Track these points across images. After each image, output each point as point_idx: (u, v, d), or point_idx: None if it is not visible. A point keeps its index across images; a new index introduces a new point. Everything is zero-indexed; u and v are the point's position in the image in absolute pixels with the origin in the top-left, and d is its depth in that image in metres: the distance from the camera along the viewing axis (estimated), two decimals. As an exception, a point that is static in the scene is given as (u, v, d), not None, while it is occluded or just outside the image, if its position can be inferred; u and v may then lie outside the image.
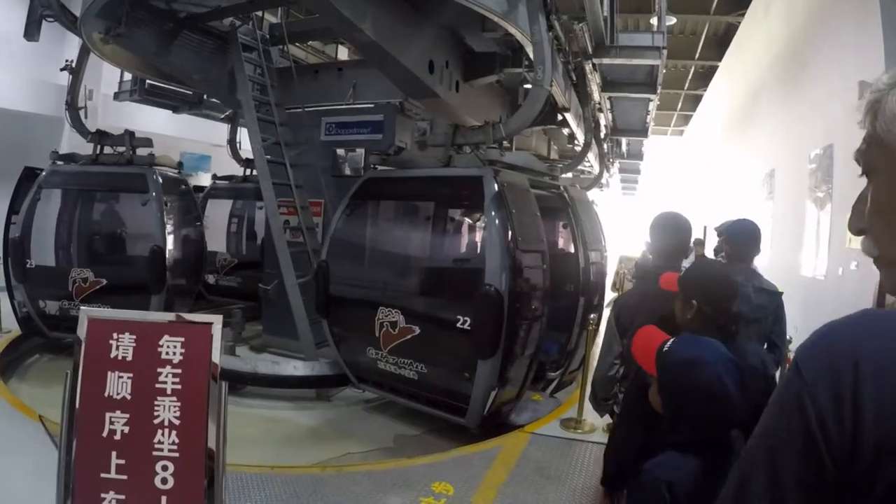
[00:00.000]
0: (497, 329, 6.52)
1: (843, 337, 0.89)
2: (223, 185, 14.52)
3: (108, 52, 9.72)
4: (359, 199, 8.49)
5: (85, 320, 3.96)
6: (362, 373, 8.02)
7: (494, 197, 6.83)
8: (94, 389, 3.82)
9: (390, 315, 7.42)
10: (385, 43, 7.38)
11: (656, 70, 10.59)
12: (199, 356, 3.92)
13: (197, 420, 3.80)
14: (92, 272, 9.65)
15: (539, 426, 7.05)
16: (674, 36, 17.74)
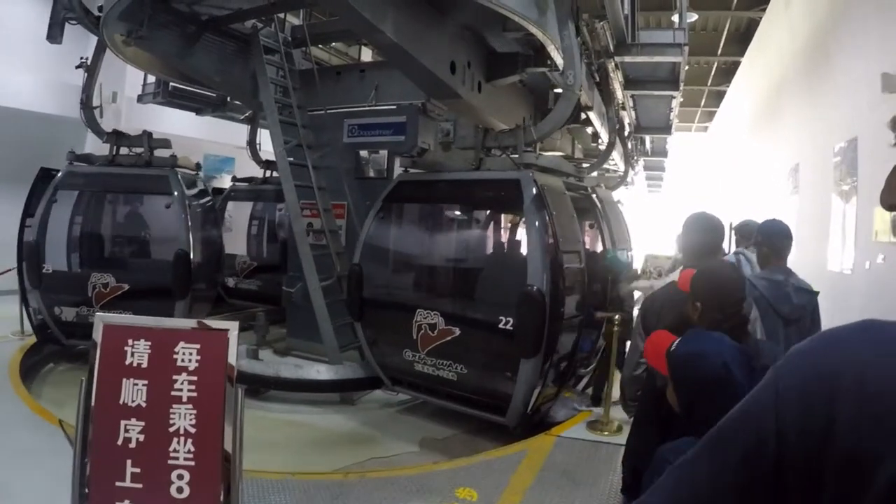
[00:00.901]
0: (540, 328, 6.66)
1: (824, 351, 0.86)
2: (242, 188, 14.43)
3: (131, 54, 9.72)
4: (392, 202, 8.56)
5: (100, 326, 3.93)
6: (397, 375, 8.07)
7: (534, 199, 7.01)
8: (109, 396, 3.79)
9: (429, 317, 7.48)
10: (406, 44, 7.32)
11: (678, 67, 10.46)
12: (215, 363, 3.87)
13: (213, 428, 3.75)
14: (113, 277, 9.26)
15: (565, 429, 6.95)
16: (695, 32, 17.56)
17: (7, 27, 14.00)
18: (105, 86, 14.93)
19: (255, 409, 7.94)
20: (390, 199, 8.50)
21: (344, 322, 9.22)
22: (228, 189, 14.48)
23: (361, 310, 8.33)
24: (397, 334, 7.87)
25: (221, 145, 15.70)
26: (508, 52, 9.10)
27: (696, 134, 31.52)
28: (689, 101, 24.76)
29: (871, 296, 8.20)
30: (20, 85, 13.91)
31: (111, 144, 9.97)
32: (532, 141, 7.78)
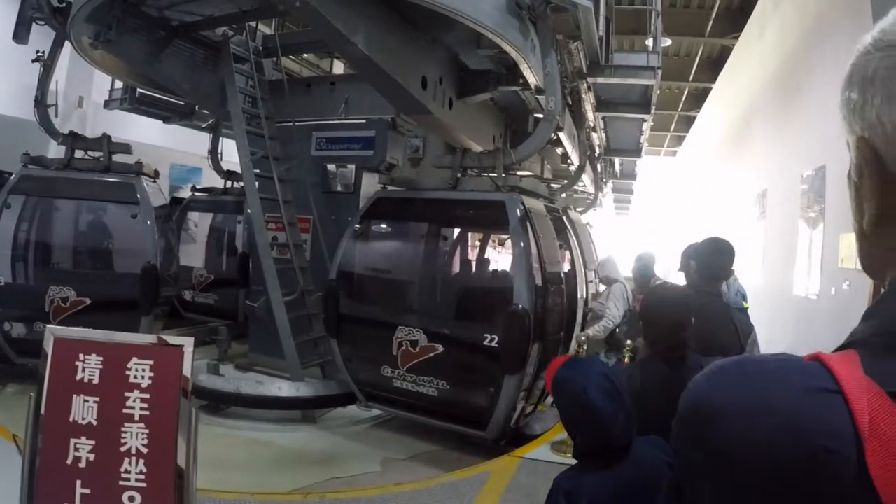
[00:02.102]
0: (525, 346, 6.93)
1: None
2: (202, 198, 14.05)
3: (98, 57, 9.53)
4: (370, 218, 8.64)
5: (51, 339, 3.77)
6: (372, 391, 8.13)
7: (520, 221, 7.30)
8: (59, 413, 3.64)
9: (411, 334, 7.62)
10: (378, 57, 7.23)
11: (651, 90, 10.52)
12: (168, 380, 3.73)
13: (166, 448, 3.61)
14: (74, 291, 8.80)
15: (529, 450, 6.91)
16: (668, 58, 17.81)
17: None
18: (71, 90, 14.81)
19: (215, 425, 7.83)
20: (369, 215, 8.57)
21: (307, 338, 9.11)
22: (188, 199, 14.12)
23: (338, 326, 8.30)
24: (376, 351, 8.00)
25: (189, 155, 15.49)
26: (481, 70, 9.06)
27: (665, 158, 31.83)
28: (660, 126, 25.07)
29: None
30: None
31: (67, 147, 9.58)
32: (511, 163, 7.94)
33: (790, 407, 0.82)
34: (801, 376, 0.85)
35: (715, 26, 17.55)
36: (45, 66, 9.78)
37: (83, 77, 14.39)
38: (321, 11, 6.28)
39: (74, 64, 12.62)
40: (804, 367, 0.86)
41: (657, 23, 10.75)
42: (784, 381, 0.85)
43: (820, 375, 0.83)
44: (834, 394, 0.80)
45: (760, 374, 0.88)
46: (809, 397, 0.82)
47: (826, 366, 0.84)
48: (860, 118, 0.90)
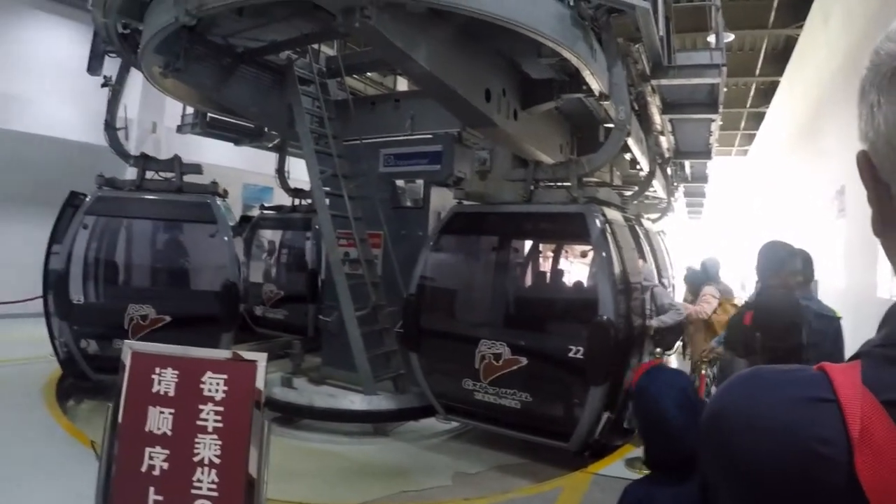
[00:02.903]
0: (610, 357, 6.98)
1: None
2: (270, 216, 14.35)
3: (169, 86, 9.81)
4: (448, 233, 8.70)
5: (128, 353, 3.91)
6: (452, 403, 8.18)
7: (601, 233, 7.34)
8: (135, 423, 3.78)
9: (494, 347, 7.63)
10: (439, 72, 7.28)
11: (717, 89, 10.29)
12: (242, 394, 3.83)
13: (238, 459, 3.70)
14: (153, 308, 8.84)
15: (602, 466, 6.80)
16: (732, 53, 17.35)
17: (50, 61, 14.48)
18: (145, 116, 15.43)
19: (288, 437, 7.95)
20: (446, 230, 8.65)
21: (379, 352, 9.19)
22: (256, 217, 14.41)
23: (418, 340, 8.36)
24: (457, 364, 8.04)
25: (260, 175, 15.84)
26: (543, 79, 9.03)
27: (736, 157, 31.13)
28: (729, 125, 24.49)
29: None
30: (62, 115, 14.43)
31: (139, 168, 9.77)
32: (583, 174, 8.07)
33: (787, 415, 0.88)
34: (801, 386, 0.91)
35: (777, 17, 17.01)
36: (114, 90, 10.02)
37: (156, 104, 15.01)
38: (381, 31, 6.34)
39: (147, 92, 13.15)
40: (807, 377, 0.93)
41: (718, 18, 10.53)
42: (784, 392, 0.92)
43: (820, 385, 0.89)
44: (830, 403, 0.86)
45: (765, 384, 0.95)
46: (806, 406, 0.88)
47: (828, 376, 0.90)
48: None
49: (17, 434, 7.00)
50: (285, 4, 7.31)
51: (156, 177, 9.81)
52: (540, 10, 6.60)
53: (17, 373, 9.28)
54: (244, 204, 14.72)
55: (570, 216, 7.76)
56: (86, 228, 9.09)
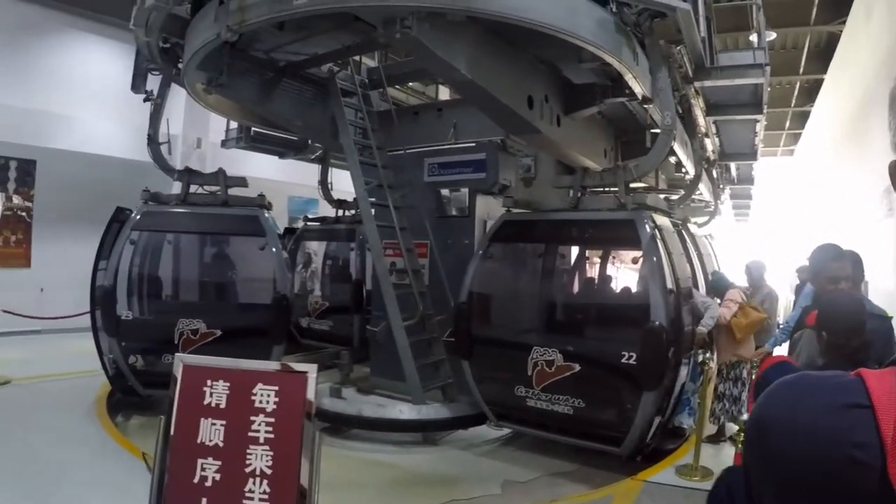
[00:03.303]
0: (663, 361, 7.02)
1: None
2: (314, 227, 14.41)
3: (212, 101, 9.91)
4: (497, 241, 8.75)
5: (180, 366, 3.97)
6: (504, 410, 8.24)
7: (651, 239, 7.38)
8: (188, 435, 3.83)
9: (546, 354, 7.69)
10: (481, 80, 7.29)
11: (761, 88, 10.12)
12: (293, 405, 3.87)
13: (289, 470, 3.74)
14: (204, 323, 8.81)
15: (652, 473, 6.75)
16: (775, 51, 17.07)
17: (94, 80, 14.82)
18: (190, 132, 15.70)
19: (337, 447, 7.97)
20: (496, 238, 8.69)
21: (427, 361, 9.20)
22: (301, 229, 14.50)
23: (470, 348, 8.43)
24: (509, 371, 8.07)
25: (305, 187, 15.95)
26: (585, 84, 9.00)
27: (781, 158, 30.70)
28: (773, 124, 24.16)
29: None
30: (108, 133, 14.75)
31: (183, 182, 9.78)
32: (631, 180, 8.08)
33: (824, 421, 0.92)
34: (838, 393, 0.95)
35: (819, 13, 16.73)
36: (155, 105, 10.04)
37: (200, 119, 15.32)
38: (422, 41, 6.37)
39: (191, 108, 13.34)
40: (844, 383, 0.96)
41: (759, 17, 10.40)
42: (822, 398, 0.96)
43: (856, 391, 0.93)
44: (865, 409, 0.90)
45: (804, 391, 1.00)
46: (842, 412, 0.92)
47: (864, 382, 0.94)
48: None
49: (70, 446, 7.15)
50: (326, 17, 7.35)
51: (200, 191, 9.85)
52: (581, 16, 6.57)
53: (69, 386, 9.47)
54: (290, 216, 14.82)
55: (620, 223, 7.78)
56: (133, 244, 9.11)
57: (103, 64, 15.32)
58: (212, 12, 7.03)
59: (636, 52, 7.39)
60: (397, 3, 6.07)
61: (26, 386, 9.59)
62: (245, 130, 12.41)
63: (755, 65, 9.27)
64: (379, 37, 6.78)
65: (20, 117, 13.90)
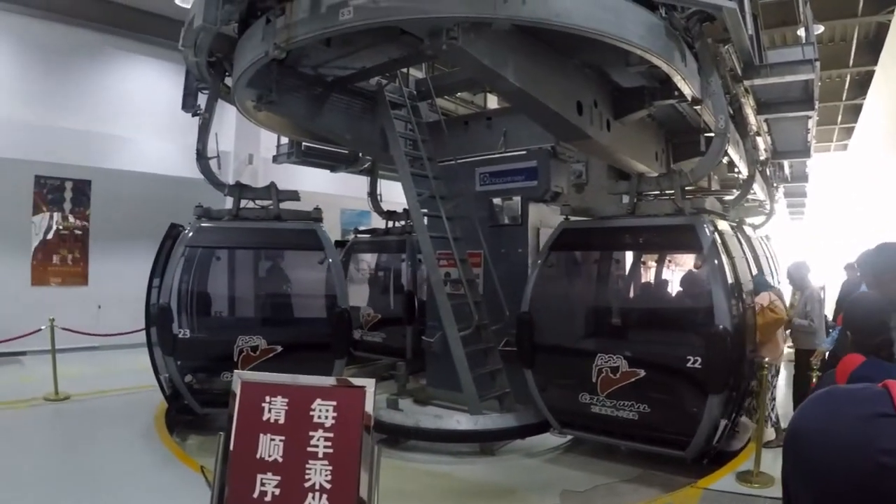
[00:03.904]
0: (729, 364, 7.06)
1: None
2: (364, 240, 14.36)
3: (263, 118, 9.98)
4: (557, 250, 8.77)
5: (238, 383, 4.02)
6: (569, 418, 8.27)
7: (713, 244, 7.41)
8: (247, 451, 3.86)
9: (611, 361, 7.73)
10: (529, 88, 7.26)
11: (811, 84, 9.91)
12: (351, 420, 3.90)
13: (349, 484, 3.76)
14: (264, 339, 8.69)
15: (712, 481, 6.67)
16: (823, 45, 16.68)
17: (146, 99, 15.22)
18: (241, 149, 15.95)
19: (395, 458, 7.98)
20: (556, 246, 8.70)
21: (483, 371, 9.20)
22: (351, 241, 14.47)
23: (533, 357, 8.46)
24: (573, 379, 8.13)
25: (357, 199, 16.02)
26: (634, 87, 8.91)
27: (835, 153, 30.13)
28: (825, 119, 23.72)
29: None
30: (160, 152, 15.17)
31: (234, 197, 9.59)
32: (687, 184, 8.12)
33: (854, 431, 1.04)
34: (866, 404, 1.07)
35: (867, 4, 16.27)
36: (203, 119, 9.84)
37: (251, 136, 15.63)
38: (468, 51, 6.36)
39: (241, 124, 13.53)
40: (872, 395, 1.09)
41: (806, 11, 10.25)
42: (852, 410, 1.08)
43: (882, 401, 1.06)
44: (891, 417, 1.03)
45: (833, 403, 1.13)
46: (871, 422, 1.04)
47: (890, 393, 1.06)
48: None
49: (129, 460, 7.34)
50: (371, 32, 7.41)
51: (250, 205, 9.76)
52: (626, 20, 6.50)
53: (127, 402, 9.73)
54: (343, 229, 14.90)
55: (680, 228, 7.82)
56: (188, 260, 9.05)
57: (154, 84, 15.73)
58: (259, 31, 7.14)
59: (684, 53, 7.32)
60: (442, 15, 6.07)
61: (85, 401, 9.86)
62: (296, 145, 12.50)
63: (804, 61, 9.11)
64: (425, 49, 6.80)
65: (74, 139, 14.35)
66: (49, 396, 9.87)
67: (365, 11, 6.16)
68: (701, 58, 7.57)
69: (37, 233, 14.18)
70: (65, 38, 14.58)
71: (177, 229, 9.13)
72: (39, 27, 14.32)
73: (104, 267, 14.72)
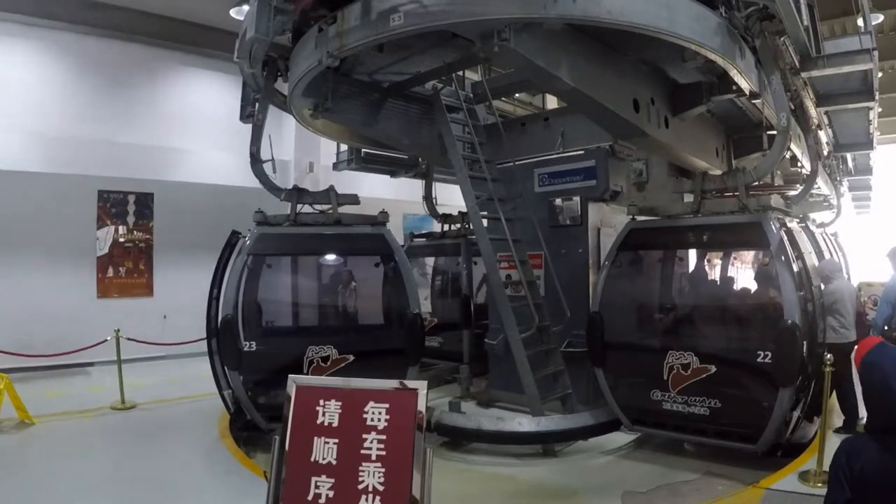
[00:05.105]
0: (799, 358, 7.11)
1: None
2: (420, 244, 14.21)
3: (320, 126, 10.08)
4: (626, 250, 8.81)
5: (293, 387, 4.08)
6: (640, 415, 8.33)
7: (781, 240, 7.45)
8: (301, 454, 3.92)
9: (682, 358, 7.82)
10: (584, 87, 7.21)
11: (870, 74, 9.72)
12: (404, 422, 3.91)
13: (402, 486, 3.77)
14: (335, 349, 8.40)
15: (774, 481, 6.56)
16: (883, 35, 16.20)
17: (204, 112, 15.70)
18: (301, 157, 16.28)
19: (457, 461, 8.09)
20: (624, 247, 8.74)
21: (546, 372, 9.18)
22: (406, 246, 13.89)
23: (604, 356, 8.53)
24: (644, 376, 8.19)
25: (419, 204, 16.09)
26: (691, 83, 8.78)
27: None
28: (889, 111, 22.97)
29: None
30: (219, 162, 15.76)
31: (292, 202, 9.24)
32: (751, 181, 8.12)
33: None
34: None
35: None
36: (256, 122, 9.62)
37: (311, 144, 15.98)
38: (521, 52, 6.34)
39: (301, 133, 13.75)
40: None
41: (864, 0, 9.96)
42: None
43: None
44: None
45: None
46: None
47: None
48: None
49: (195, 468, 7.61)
50: (423, 36, 7.42)
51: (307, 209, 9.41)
52: (680, 15, 6.43)
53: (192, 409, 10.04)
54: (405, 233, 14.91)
55: (747, 225, 7.86)
56: (250, 269, 8.63)
57: (212, 96, 16.25)
58: (312, 40, 7.25)
59: (741, 47, 7.22)
60: (491, 17, 6.07)
61: (152, 410, 10.15)
62: (355, 152, 12.62)
63: (862, 50, 8.90)
64: (478, 51, 6.84)
65: (135, 153, 14.91)
66: (116, 405, 10.17)
67: (415, 16, 6.21)
68: (761, 55, 7.55)
69: (101, 247, 14.54)
70: (122, 54, 15.15)
71: (237, 237, 8.98)
72: (96, 44, 14.88)
73: (169, 278, 15.06)
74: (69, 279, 13.90)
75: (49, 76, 14.43)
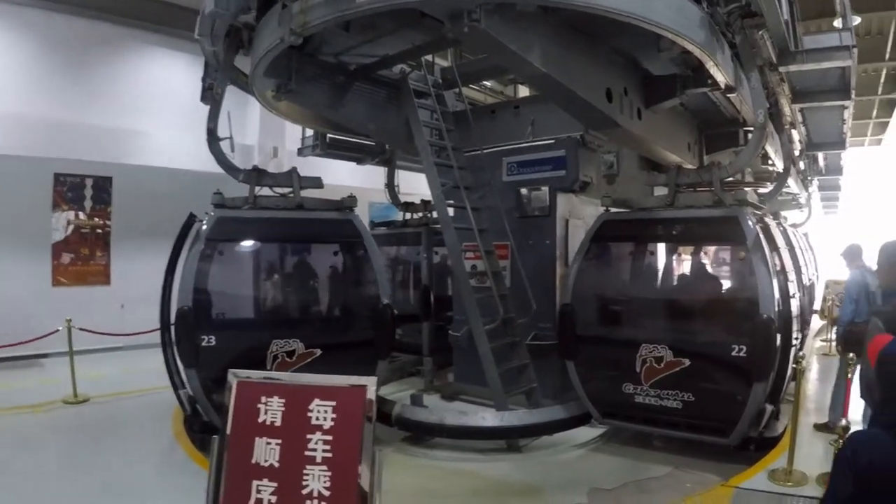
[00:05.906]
0: (773, 352, 7.17)
1: None
2: (380, 233, 13.16)
3: (284, 108, 9.77)
4: (598, 242, 8.73)
5: (233, 382, 3.83)
6: (611, 409, 8.30)
7: (757, 235, 7.44)
8: (242, 456, 3.69)
9: (655, 351, 7.80)
10: (557, 74, 7.03)
11: (848, 72, 9.73)
12: (351, 421, 3.70)
13: (348, 491, 3.56)
14: (301, 342, 7.86)
15: (744, 479, 6.46)
16: (859, 38, 16.29)
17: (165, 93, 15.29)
18: (266, 142, 15.86)
19: (419, 456, 7.93)
20: (597, 238, 8.70)
21: (510, 366, 9.04)
22: None
23: (575, 349, 8.47)
24: (617, 369, 8.16)
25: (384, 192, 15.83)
26: (666, 75, 8.63)
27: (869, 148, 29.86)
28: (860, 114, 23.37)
29: None
30: (180, 145, 15.19)
31: (251, 184, 8.46)
32: (725, 177, 8.04)
33: None
34: None
35: None
36: (214, 97, 8.82)
37: (276, 128, 15.64)
38: (492, 34, 6.13)
39: (266, 117, 13.44)
40: None
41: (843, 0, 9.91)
42: None
43: None
44: None
45: None
46: None
47: None
48: None
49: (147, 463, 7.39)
50: (391, 16, 7.22)
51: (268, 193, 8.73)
52: (656, 2, 6.25)
53: (147, 403, 9.74)
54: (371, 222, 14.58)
55: (723, 219, 7.83)
56: (207, 256, 7.84)
57: (173, 77, 15.77)
58: (275, 17, 6.95)
59: (719, 39, 7.07)
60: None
61: (105, 403, 9.85)
62: (321, 137, 12.32)
63: (842, 47, 8.87)
64: (447, 32, 6.54)
65: (94, 135, 14.40)
66: (68, 399, 9.83)
67: (382, -7, 5.97)
68: (741, 51, 7.51)
69: (56, 232, 14.11)
70: (83, 31, 14.66)
71: (193, 220, 8.33)
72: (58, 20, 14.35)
73: (127, 265, 14.63)
74: (22, 266, 13.43)
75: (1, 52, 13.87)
